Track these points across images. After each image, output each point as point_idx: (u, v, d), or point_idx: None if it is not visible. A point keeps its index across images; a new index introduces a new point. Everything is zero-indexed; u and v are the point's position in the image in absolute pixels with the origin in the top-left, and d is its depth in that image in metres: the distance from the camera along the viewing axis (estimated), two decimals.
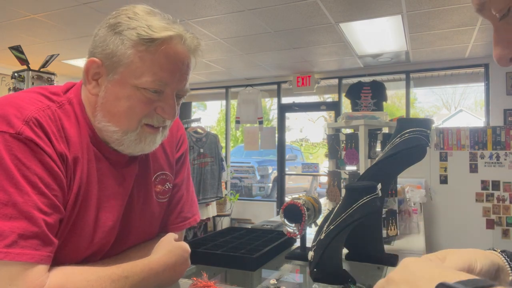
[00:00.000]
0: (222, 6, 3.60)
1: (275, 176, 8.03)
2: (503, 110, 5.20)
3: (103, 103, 0.83)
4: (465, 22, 3.96)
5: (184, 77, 0.85)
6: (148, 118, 0.84)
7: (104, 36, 0.82)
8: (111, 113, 0.83)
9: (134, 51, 0.80)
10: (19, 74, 3.82)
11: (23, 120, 0.73)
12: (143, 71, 0.80)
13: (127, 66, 0.80)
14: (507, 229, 3.88)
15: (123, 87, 0.81)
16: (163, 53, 0.80)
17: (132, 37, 0.79)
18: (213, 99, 9.55)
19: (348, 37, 4.46)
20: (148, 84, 0.80)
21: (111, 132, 0.84)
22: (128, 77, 0.81)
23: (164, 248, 0.92)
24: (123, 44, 0.80)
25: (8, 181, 0.69)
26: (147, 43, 0.79)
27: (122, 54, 0.80)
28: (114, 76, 0.81)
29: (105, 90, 0.83)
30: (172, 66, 0.82)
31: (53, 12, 3.79)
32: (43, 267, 0.70)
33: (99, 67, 0.82)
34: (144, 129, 0.85)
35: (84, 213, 0.82)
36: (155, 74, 0.80)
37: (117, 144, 0.86)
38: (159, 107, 0.84)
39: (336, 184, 2.25)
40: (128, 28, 0.80)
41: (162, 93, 0.83)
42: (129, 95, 0.81)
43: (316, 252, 1.13)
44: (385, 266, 1.30)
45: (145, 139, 0.86)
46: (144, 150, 0.89)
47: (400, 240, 1.78)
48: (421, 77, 6.40)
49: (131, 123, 0.83)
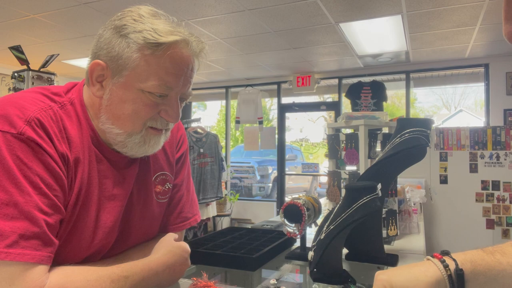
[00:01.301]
0: (222, 6, 3.60)
1: (275, 176, 8.03)
2: (503, 110, 5.20)
3: (108, 105, 0.83)
4: (465, 22, 3.96)
5: (188, 81, 0.86)
6: (152, 121, 0.85)
7: (109, 38, 0.81)
8: (116, 116, 0.83)
9: (140, 54, 0.79)
10: (19, 74, 3.81)
11: (25, 120, 0.73)
12: (148, 75, 0.80)
13: (133, 70, 0.80)
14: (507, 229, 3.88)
15: (128, 90, 0.81)
16: (169, 57, 0.80)
17: (138, 40, 0.79)
18: (213, 99, 9.55)
19: (348, 37, 4.46)
20: (153, 88, 0.81)
21: (115, 134, 0.84)
22: (133, 80, 0.81)
23: (164, 248, 0.92)
24: (129, 48, 0.79)
25: (9, 181, 0.69)
26: (153, 47, 0.79)
27: (127, 58, 0.80)
28: (119, 79, 0.81)
29: (109, 93, 0.83)
30: (177, 71, 0.82)
31: (53, 12, 3.79)
32: (43, 267, 0.70)
33: (104, 69, 0.82)
34: (148, 131, 0.86)
35: (85, 214, 0.82)
36: (160, 79, 0.80)
37: (120, 146, 0.86)
38: (163, 110, 0.85)
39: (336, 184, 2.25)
40: (134, 31, 0.80)
41: (166, 96, 0.84)
42: (134, 98, 0.81)
43: (316, 252, 1.13)
44: (385, 266, 1.30)
45: (149, 141, 0.87)
46: (147, 152, 0.89)
47: (400, 240, 1.78)
48: (421, 77, 6.41)
49: (136, 126, 0.84)
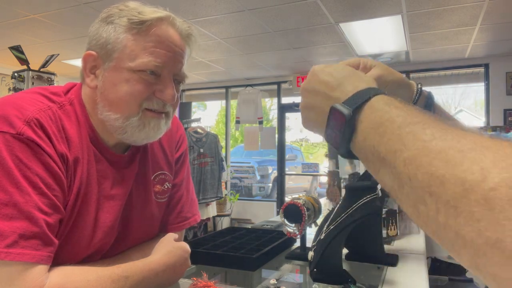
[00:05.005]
0: (222, 6, 3.60)
1: (275, 176, 8.03)
2: (503, 110, 5.20)
3: (102, 92, 0.83)
4: (465, 22, 3.96)
5: (178, 59, 0.86)
6: (148, 102, 0.84)
7: (97, 29, 0.84)
8: (110, 101, 0.83)
9: (127, 35, 0.81)
10: (19, 74, 3.81)
11: (24, 121, 0.73)
12: (137, 53, 0.81)
13: (121, 51, 0.81)
14: None
15: (119, 72, 0.82)
16: (155, 34, 0.82)
17: (123, 23, 0.81)
18: (213, 99, 9.55)
19: (348, 37, 4.46)
20: (143, 65, 0.81)
21: (113, 120, 0.83)
22: (123, 61, 0.81)
23: (164, 248, 0.92)
24: (115, 31, 0.81)
25: (9, 181, 0.69)
26: (138, 26, 0.81)
27: (115, 41, 0.81)
28: (110, 63, 0.82)
29: (102, 80, 0.83)
30: (165, 47, 0.83)
31: (53, 12, 3.79)
32: (43, 267, 0.70)
33: (96, 59, 0.83)
34: (146, 113, 0.84)
35: (84, 214, 0.82)
36: (149, 55, 0.81)
37: (120, 132, 0.85)
38: (157, 90, 0.84)
39: (336, 184, 2.25)
40: (119, 17, 0.82)
41: (159, 76, 0.83)
42: (126, 79, 0.81)
43: (316, 252, 1.13)
44: (385, 266, 1.30)
45: (149, 123, 0.85)
46: (149, 137, 0.87)
47: (400, 240, 1.77)
48: (421, 77, 6.40)
49: (132, 107, 0.83)
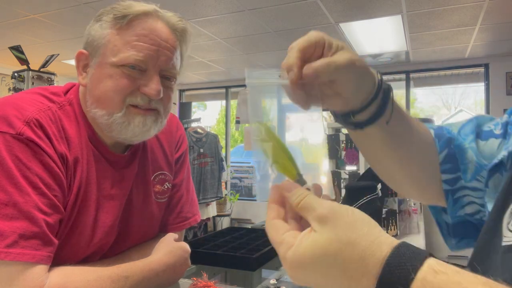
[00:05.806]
0: (222, 6, 3.60)
1: None
2: (503, 110, 5.17)
3: (90, 89, 0.83)
4: (465, 22, 3.96)
5: (164, 54, 0.83)
6: (132, 98, 0.82)
7: (89, 28, 0.85)
8: (96, 97, 0.82)
9: (111, 30, 0.81)
10: (19, 74, 3.81)
11: (23, 121, 0.73)
12: (119, 48, 0.80)
13: (105, 47, 0.81)
14: None
15: (103, 68, 0.81)
16: (139, 28, 0.81)
17: (109, 19, 0.82)
18: (213, 99, 9.54)
19: (348, 37, 4.46)
20: (125, 59, 0.79)
21: (99, 116, 0.82)
22: (107, 57, 0.81)
23: (164, 249, 0.92)
24: (101, 27, 0.82)
25: (8, 181, 0.69)
26: (121, 21, 0.80)
27: (100, 37, 0.82)
28: (96, 60, 0.83)
29: (90, 76, 0.83)
30: (148, 40, 0.81)
31: (53, 12, 3.79)
32: (43, 267, 0.70)
33: (87, 58, 0.84)
34: (130, 110, 0.82)
35: (84, 213, 0.82)
36: (131, 49, 0.80)
37: (108, 129, 0.83)
38: (142, 85, 0.82)
39: (336, 184, 2.25)
40: (107, 14, 0.83)
41: (144, 72, 0.82)
42: (109, 74, 0.80)
43: None
44: None
45: (133, 120, 0.82)
46: (136, 134, 0.84)
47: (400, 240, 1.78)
48: (421, 77, 6.40)
49: (115, 103, 0.81)
